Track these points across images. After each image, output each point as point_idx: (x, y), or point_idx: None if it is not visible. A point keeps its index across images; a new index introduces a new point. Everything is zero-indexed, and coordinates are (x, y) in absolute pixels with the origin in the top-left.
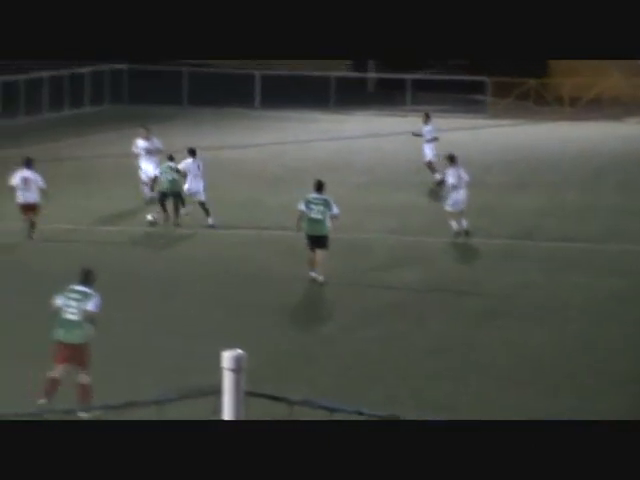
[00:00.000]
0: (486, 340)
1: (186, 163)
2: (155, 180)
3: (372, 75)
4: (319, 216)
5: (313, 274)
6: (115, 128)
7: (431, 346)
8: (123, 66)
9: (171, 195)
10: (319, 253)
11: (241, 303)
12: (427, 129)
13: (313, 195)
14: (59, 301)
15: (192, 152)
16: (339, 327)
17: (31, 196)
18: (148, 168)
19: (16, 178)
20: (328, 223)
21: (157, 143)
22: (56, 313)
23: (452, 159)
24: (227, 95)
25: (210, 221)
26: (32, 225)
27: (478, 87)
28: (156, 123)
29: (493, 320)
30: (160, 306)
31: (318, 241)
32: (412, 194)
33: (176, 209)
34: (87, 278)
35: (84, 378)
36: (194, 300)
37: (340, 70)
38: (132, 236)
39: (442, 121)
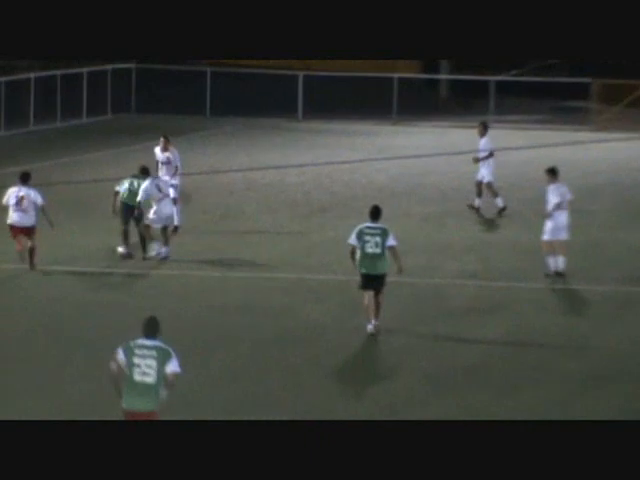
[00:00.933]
0: (593, 413)
1: (144, 189)
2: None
3: (445, 77)
4: (377, 250)
5: (371, 327)
6: (118, 144)
7: None
8: (130, 65)
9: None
10: (376, 296)
11: (290, 365)
12: (482, 143)
13: (367, 224)
14: (123, 358)
15: (144, 171)
16: (405, 399)
17: (26, 218)
18: None
19: (10, 196)
20: (387, 258)
21: (176, 159)
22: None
23: (553, 173)
24: (261, 102)
25: (161, 252)
26: (31, 252)
27: (580, 91)
28: (172, 136)
29: (602, 387)
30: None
31: (375, 281)
32: (495, 227)
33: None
34: (151, 329)
35: None
36: (239, 361)
37: (405, 70)
38: (141, 279)
39: (534, 134)
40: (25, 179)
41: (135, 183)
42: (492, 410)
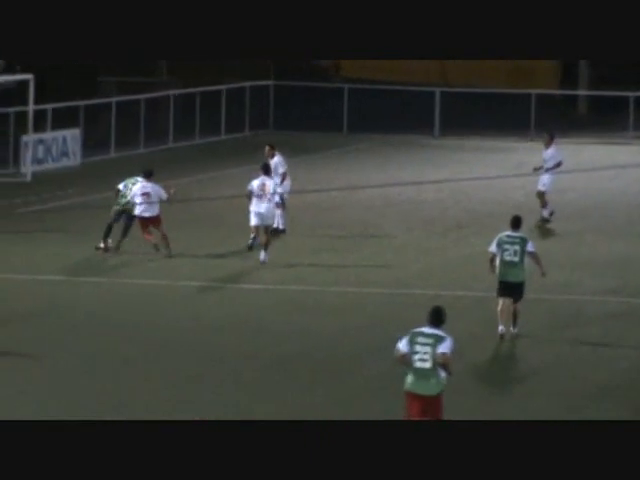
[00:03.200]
0: None
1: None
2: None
3: (584, 92)
4: (514, 258)
5: (502, 328)
6: (255, 160)
7: None
8: (268, 82)
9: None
10: (512, 304)
11: None
12: (549, 153)
13: (507, 233)
14: (405, 348)
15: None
16: (537, 415)
17: (152, 209)
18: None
19: (136, 192)
20: (526, 266)
21: (280, 166)
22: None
23: None
24: (398, 119)
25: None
26: (164, 239)
27: None
28: (309, 153)
29: None
30: (341, 382)
31: (512, 289)
32: (637, 244)
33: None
34: (438, 318)
35: None
36: (379, 377)
37: (543, 87)
38: (278, 294)
39: None
40: (148, 175)
41: (129, 184)
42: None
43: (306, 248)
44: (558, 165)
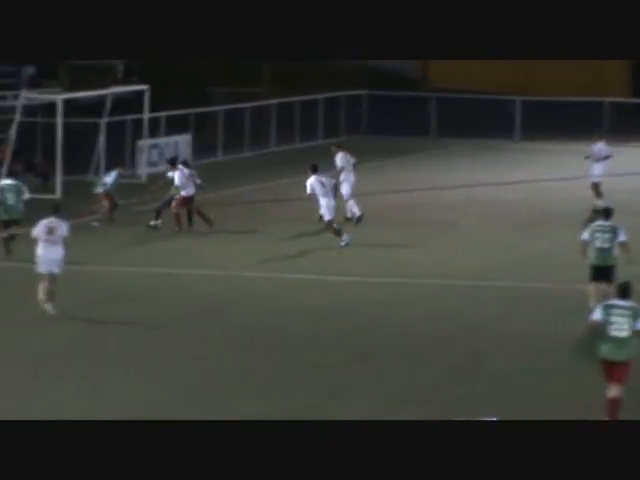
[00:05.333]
0: None
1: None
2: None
3: None
4: (606, 245)
5: (593, 305)
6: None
7: None
8: (362, 91)
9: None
10: (603, 287)
11: (504, 370)
12: (597, 148)
13: (599, 223)
14: (599, 317)
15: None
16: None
17: (192, 190)
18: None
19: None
20: (615, 253)
21: (349, 160)
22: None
23: None
24: (482, 125)
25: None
26: (201, 216)
27: None
28: (398, 156)
29: None
30: (418, 370)
31: (603, 272)
32: None
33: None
34: (627, 292)
35: (617, 392)
36: (454, 366)
37: (616, 95)
38: (369, 287)
39: None
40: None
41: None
42: None
43: (395, 243)
44: (607, 157)
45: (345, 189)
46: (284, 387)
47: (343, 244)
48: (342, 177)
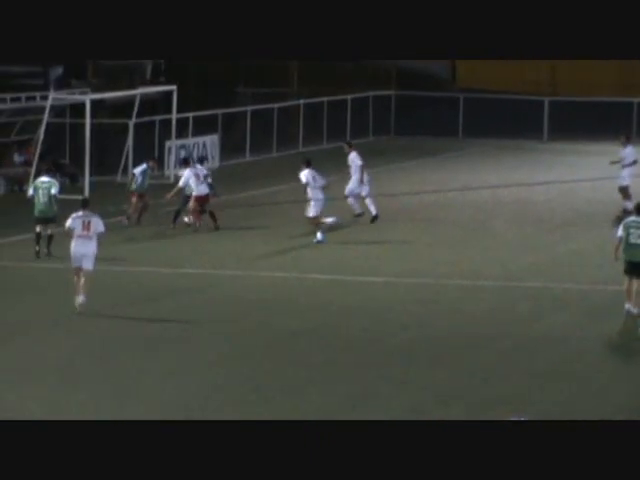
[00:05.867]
0: None
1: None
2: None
3: None
4: (639, 240)
5: (628, 306)
6: (378, 164)
7: None
8: (390, 92)
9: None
10: (637, 282)
11: (532, 371)
12: (626, 151)
13: (632, 218)
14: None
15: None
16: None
17: (204, 189)
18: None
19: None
20: None
21: (353, 161)
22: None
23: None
24: (510, 125)
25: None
26: (211, 216)
27: None
28: (426, 157)
29: None
30: (451, 369)
31: (636, 267)
32: None
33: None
34: None
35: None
36: (485, 366)
37: None
38: (374, 286)
39: None
40: (202, 160)
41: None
42: None
43: (423, 243)
44: (635, 162)
45: (365, 188)
46: (313, 389)
47: (315, 241)
48: (365, 176)
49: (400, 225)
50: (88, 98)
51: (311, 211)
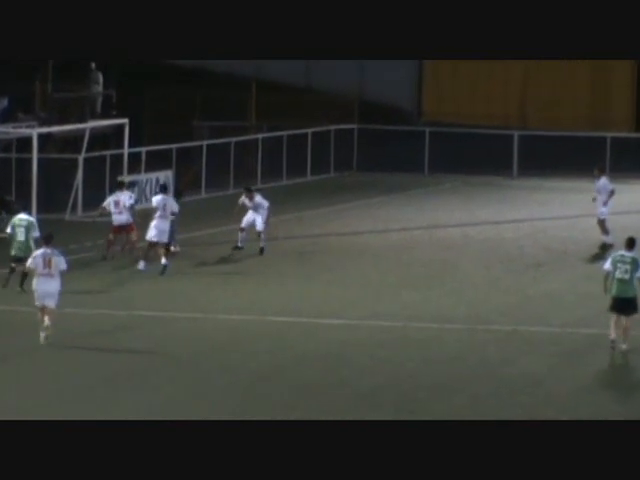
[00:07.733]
0: None
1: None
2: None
3: None
4: (625, 276)
5: (613, 336)
6: (340, 201)
7: None
8: (352, 125)
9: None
10: (625, 319)
11: (506, 417)
12: (600, 183)
13: (621, 253)
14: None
15: (163, 188)
16: None
17: (122, 217)
18: None
19: (109, 201)
20: (636, 285)
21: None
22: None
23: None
24: (478, 160)
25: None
26: (130, 243)
27: None
28: (391, 193)
29: None
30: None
31: (623, 304)
32: None
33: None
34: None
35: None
36: (457, 412)
37: (618, 130)
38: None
39: None
40: (121, 186)
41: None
42: None
43: (388, 285)
44: (612, 193)
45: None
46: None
47: (139, 267)
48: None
49: (364, 265)
50: (35, 132)
51: (151, 235)
